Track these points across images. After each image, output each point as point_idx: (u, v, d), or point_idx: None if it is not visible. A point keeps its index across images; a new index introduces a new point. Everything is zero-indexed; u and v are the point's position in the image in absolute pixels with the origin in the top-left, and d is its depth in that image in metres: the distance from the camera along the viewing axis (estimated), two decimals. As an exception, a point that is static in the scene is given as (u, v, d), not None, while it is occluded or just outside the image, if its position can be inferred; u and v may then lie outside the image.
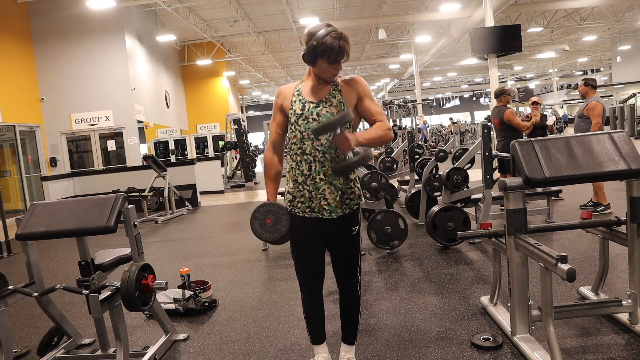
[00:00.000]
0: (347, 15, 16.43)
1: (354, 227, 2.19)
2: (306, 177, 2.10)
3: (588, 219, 2.64)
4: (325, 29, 2.01)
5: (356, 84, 2.14)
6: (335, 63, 2.03)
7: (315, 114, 2.08)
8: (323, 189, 2.09)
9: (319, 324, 2.33)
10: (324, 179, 2.09)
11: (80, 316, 3.52)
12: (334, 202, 2.10)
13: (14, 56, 11.27)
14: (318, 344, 2.35)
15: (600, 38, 23.12)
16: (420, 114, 19.14)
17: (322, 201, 2.10)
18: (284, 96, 2.17)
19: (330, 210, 2.11)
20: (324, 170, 2.08)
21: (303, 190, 2.12)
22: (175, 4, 13.37)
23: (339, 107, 2.09)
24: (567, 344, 2.47)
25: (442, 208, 4.56)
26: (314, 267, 2.24)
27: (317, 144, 2.07)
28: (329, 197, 2.10)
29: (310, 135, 2.08)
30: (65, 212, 2.55)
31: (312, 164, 2.09)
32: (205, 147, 16.62)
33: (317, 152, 2.08)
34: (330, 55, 2.00)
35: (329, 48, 1.98)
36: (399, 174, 7.52)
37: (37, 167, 11.72)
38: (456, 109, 42.60)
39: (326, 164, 2.08)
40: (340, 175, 2.10)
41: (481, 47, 11.86)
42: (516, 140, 2.45)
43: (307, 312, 2.31)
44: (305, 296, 2.29)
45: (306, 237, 2.18)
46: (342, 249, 2.22)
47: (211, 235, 6.43)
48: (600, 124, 5.25)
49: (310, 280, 2.26)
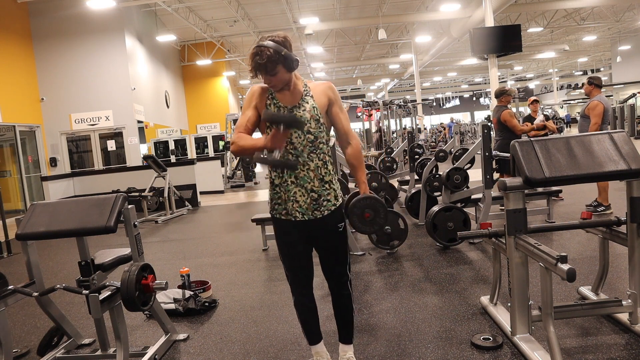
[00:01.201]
0: (347, 15, 16.43)
1: (339, 225, 2.20)
2: (280, 179, 2.14)
3: (588, 219, 2.64)
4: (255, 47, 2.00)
5: (328, 90, 2.17)
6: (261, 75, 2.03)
7: None
8: (294, 192, 2.12)
9: (312, 324, 2.34)
10: (294, 182, 2.11)
11: (80, 316, 3.51)
12: (304, 204, 2.12)
13: (14, 56, 11.27)
14: (315, 344, 2.36)
15: (600, 38, 23.12)
16: (420, 114, 19.13)
17: (294, 203, 2.13)
18: (258, 96, 2.16)
19: (302, 212, 2.13)
20: (296, 174, 2.11)
21: (279, 192, 2.16)
22: (175, 4, 13.37)
23: (312, 111, 2.10)
24: (567, 344, 2.47)
25: (442, 208, 4.56)
26: (301, 267, 2.25)
27: (290, 148, 2.10)
28: (300, 199, 2.12)
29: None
30: (65, 212, 2.55)
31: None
32: (205, 147, 16.61)
33: (290, 156, 2.10)
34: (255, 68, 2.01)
35: (251, 63, 2.01)
36: (399, 174, 7.52)
37: (37, 167, 11.72)
38: (456, 109, 42.60)
39: (298, 168, 2.10)
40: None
41: (481, 47, 11.86)
42: (516, 140, 2.45)
43: (300, 313, 2.32)
44: (297, 297, 2.31)
45: (289, 239, 2.21)
46: (328, 248, 2.23)
47: (211, 235, 6.43)
48: (598, 124, 5.20)
49: (299, 281, 2.28)
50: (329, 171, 2.16)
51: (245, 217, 7.49)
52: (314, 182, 2.12)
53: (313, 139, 2.11)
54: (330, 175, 2.17)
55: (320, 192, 2.13)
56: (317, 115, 2.11)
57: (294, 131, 2.07)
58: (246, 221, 6.84)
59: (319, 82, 2.20)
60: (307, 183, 2.11)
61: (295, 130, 2.06)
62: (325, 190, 2.14)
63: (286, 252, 2.24)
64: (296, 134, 2.09)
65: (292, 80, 2.09)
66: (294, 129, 2.03)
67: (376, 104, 14.27)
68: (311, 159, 2.11)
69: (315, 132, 2.11)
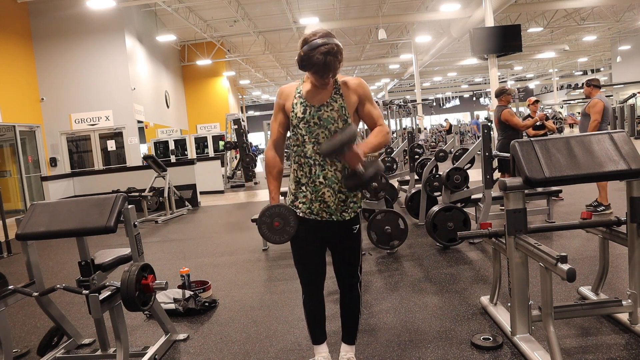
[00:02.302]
0: (347, 15, 16.43)
1: (354, 226, 2.20)
2: (307, 179, 2.12)
3: (588, 219, 2.64)
4: (317, 40, 1.94)
5: (358, 88, 2.12)
6: (323, 79, 2.00)
7: (316, 118, 2.09)
8: (322, 192, 2.11)
9: (319, 324, 2.33)
10: (323, 183, 2.10)
11: (80, 316, 3.51)
12: (333, 205, 2.12)
13: (14, 56, 11.27)
14: (318, 344, 2.35)
15: (600, 38, 23.11)
16: (420, 114, 19.13)
17: (322, 204, 2.12)
18: (285, 96, 2.15)
19: (330, 213, 2.13)
20: (324, 174, 2.09)
21: (305, 192, 2.14)
22: (175, 4, 13.36)
23: (340, 111, 2.08)
24: (567, 344, 2.47)
25: (442, 208, 4.56)
26: (315, 267, 2.25)
27: (318, 148, 2.08)
28: (329, 200, 2.11)
29: (311, 139, 2.09)
30: (65, 212, 2.55)
31: (313, 167, 2.10)
32: (205, 147, 16.61)
33: (317, 155, 2.09)
34: (316, 71, 1.98)
35: (314, 65, 1.95)
36: (399, 174, 7.52)
37: (37, 167, 11.72)
38: (456, 109, 42.56)
39: (326, 168, 2.09)
40: (355, 191, 2.12)
41: (481, 47, 11.85)
42: (516, 140, 2.45)
43: (308, 312, 2.32)
44: (307, 296, 2.30)
45: (306, 238, 2.19)
46: (343, 248, 2.22)
47: (211, 235, 6.43)
48: (597, 121, 5.29)
49: (311, 280, 2.27)
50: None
51: (245, 217, 7.49)
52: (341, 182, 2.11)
53: None
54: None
55: (347, 192, 2.13)
56: (344, 115, 2.09)
57: (321, 131, 2.07)
58: (246, 221, 6.85)
59: (350, 78, 2.15)
60: (334, 184, 2.10)
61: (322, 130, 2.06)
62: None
63: (300, 250, 2.24)
64: (323, 134, 2.08)
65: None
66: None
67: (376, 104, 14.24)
68: (348, 171, 2.09)
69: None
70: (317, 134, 2.09)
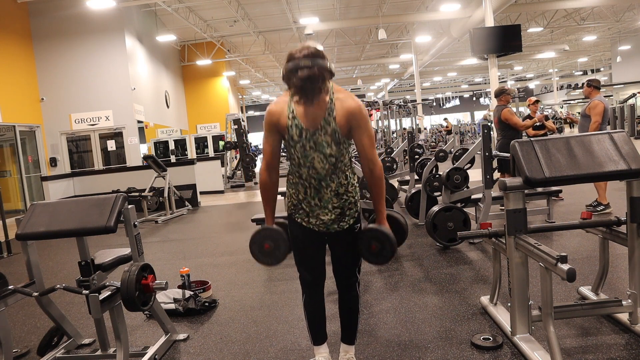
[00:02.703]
0: (347, 15, 16.43)
1: (355, 225, 2.21)
2: (303, 197, 2.16)
3: (588, 219, 2.64)
4: (300, 62, 1.86)
5: (350, 116, 2.02)
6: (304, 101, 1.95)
7: (312, 142, 2.05)
8: (317, 213, 2.14)
9: (319, 324, 2.35)
10: (319, 205, 2.14)
11: (80, 316, 3.51)
12: (329, 221, 2.15)
13: (14, 56, 11.27)
14: (319, 345, 2.36)
15: (600, 38, 23.11)
16: (420, 114, 19.13)
17: (317, 220, 2.15)
18: (278, 115, 2.06)
19: (326, 227, 2.16)
20: (319, 197, 2.13)
21: (302, 207, 2.17)
22: (175, 4, 13.36)
23: (333, 135, 2.03)
24: (567, 344, 2.47)
25: (442, 208, 4.56)
26: (314, 269, 2.28)
27: (313, 173, 2.09)
28: (324, 218, 2.15)
29: (306, 163, 2.08)
30: (65, 212, 2.55)
31: (308, 190, 2.14)
32: (205, 147, 16.61)
33: (313, 180, 2.11)
34: (295, 94, 1.94)
35: (294, 87, 1.92)
36: (399, 174, 7.52)
37: (37, 167, 11.72)
38: (456, 109, 42.57)
39: (322, 191, 2.11)
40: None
41: (481, 47, 11.85)
42: (516, 140, 2.45)
43: (308, 312, 2.33)
44: (307, 297, 2.31)
45: (306, 243, 2.23)
46: (343, 248, 2.24)
47: (211, 235, 6.42)
48: (598, 123, 5.33)
49: (311, 281, 2.29)
50: (348, 182, 2.15)
51: (245, 217, 7.49)
52: (333, 199, 2.13)
53: (334, 161, 2.09)
54: (347, 186, 2.16)
55: (341, 205, 2.14)
56: (338, 139, 2.05)
57: (316, 155, 2.06)
58: (246, 221, 6.84)
59: (346, 96, 2.06)
60: (329, 204, 2.13)
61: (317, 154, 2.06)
62: (346, 201, 2.15)
63: (300, 253, 2.27)
64: (319, 159, 2.06)
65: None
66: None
67: (376, 104, 14.28)
68: (332, 180, 2.11)
69: (336, 154, 2.08)
70: (313, 157, 2.07)
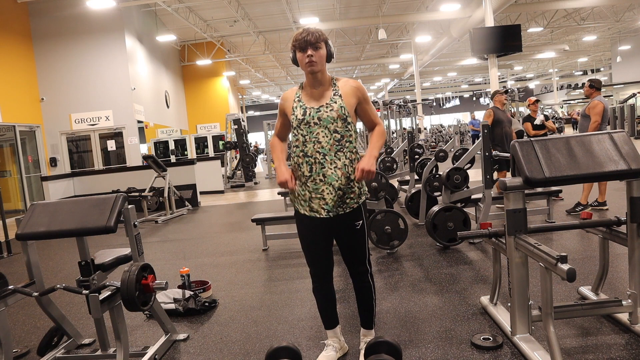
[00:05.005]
0: (347, 15, 16.43)
1: (357, 222, 2.27)
2: (307, 178, 2.22)
3: (588, 219, 2.64)
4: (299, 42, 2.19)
5: (357, 91, 2.25)
6: (303, 51, 2.16)
7: (316, 118, 2.20)
8: (322, 189, 2.20)
9: (329, 310, 2.46)
10: (323, 180, 2.20)
11: (80, 316, 3.51)
12: (331, 202, 2.21)
13: (14, 56, 11.27)
14: (330, 329, 2.48)
15: (600, 38, 23.13)
16: (420, 114, 19.13)
17: (320, 201, 2.21)
18: (285, 100, 2.31)
19: (327, 210, 2.22)
20: (324, 172, 2.19)
21: (304, 191, 2.24)
22: (175, 4, 13.37)
23: (340, 111, 2.19)
24: (567, 344, 2.47)
25: (442, 208, 4.56)
26: (321, 259, 2.37)
27: (318, 147, 2.19)
28: (327, 197, 2.20)
29: (311, 138, 2.19)
30: (65, 212, 2.55)
31: (313, 166, 2.20)
32: (205, 147, 16.61)
33: (317, 154, 2.19)
34: (299, 44, 2.17)
35: (297, 40, 2.18)
36: (399, 174, 7.52)
37: (37, 167, 11.72)
38: (456, 109, 42.56)
39: (326, 166, 2.19)
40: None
41: (481, 47, 11.85)
42: (516, 140, 2.45)
43: (318, 299, 2.45)
44: (315, 284, 2.42)
45: (310, 233, 2.31)
46: (347, 242, 2.32)
47: (211, 235, 6.42)
48: (598, 122, 5.38)
49: (318, 272, 2.39)
50: (355, 169, 2.22)
51: (245, 217, 7.49)
52: (342, 179, 2.20)
53: (339, 137, 2.19)
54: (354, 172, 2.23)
55: (345, 189, 2.21)
56: (344, 115, 2.20)
57: (321, 130, 2.18)
58: (246, 221, 6.85)
59: (347, 79, 2.28)
60: (334, 181, 2.19)
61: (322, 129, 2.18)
62: (349, 188, 2.23)
63: (307, 246, 2.36)
64: (323, 133, 2.18)
65: (325, 73, 2.22)
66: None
67: (376, 104, 14.26)
68: (338, 157, 2.19)
69: (342, 131, 2.20)
70: (317, 133, 2.19)
